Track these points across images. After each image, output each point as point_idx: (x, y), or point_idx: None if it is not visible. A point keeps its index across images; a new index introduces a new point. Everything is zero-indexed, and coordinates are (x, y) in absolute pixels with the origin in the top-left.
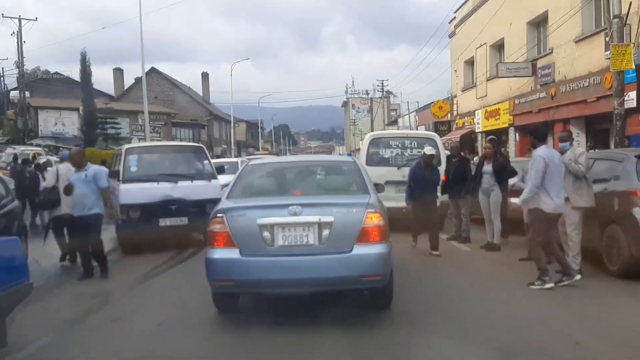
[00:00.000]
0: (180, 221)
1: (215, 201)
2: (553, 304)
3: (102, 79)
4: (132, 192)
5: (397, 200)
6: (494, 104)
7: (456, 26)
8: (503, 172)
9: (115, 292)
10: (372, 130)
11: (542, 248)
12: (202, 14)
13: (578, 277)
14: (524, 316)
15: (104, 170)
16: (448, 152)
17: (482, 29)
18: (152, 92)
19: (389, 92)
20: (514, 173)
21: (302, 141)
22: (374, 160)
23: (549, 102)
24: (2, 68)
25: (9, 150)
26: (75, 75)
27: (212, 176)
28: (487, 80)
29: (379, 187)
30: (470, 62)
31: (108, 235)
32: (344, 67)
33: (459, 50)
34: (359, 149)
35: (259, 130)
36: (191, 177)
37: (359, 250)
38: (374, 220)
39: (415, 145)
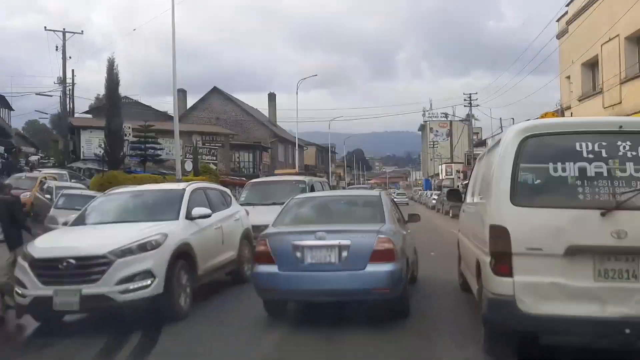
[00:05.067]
0: None
1: None
2: None
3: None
4: None
5: (602, 300)
6: (636, 113)
7: (569, 22)
8: None
9: None
10: (452, 156)
11: None
12: (277, 45)
13: None
14: None
15: None
16: None
17: (614, 18)
18: (213, 112)
19: (469, 115)
20: None
21: (376, 167)
22: (531, 190)
23: None
24: (69, 89)
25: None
26: (145, 100)
27: None
28: (622, 82)
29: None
30: (592, 64)
31: None
32: (419, 92)
33: (574, 51)
34: (437, 174)
35: (329, 154)
36: None
37: (371, 268)
38: (384, 244)
39: None
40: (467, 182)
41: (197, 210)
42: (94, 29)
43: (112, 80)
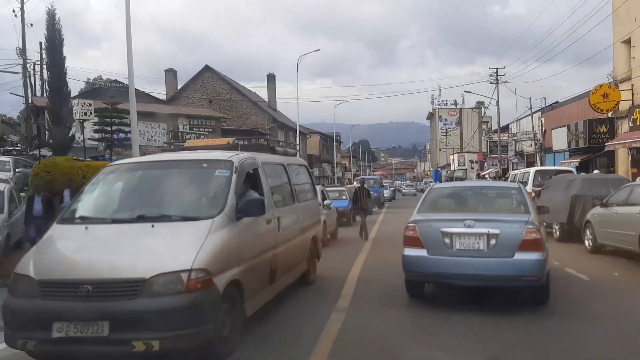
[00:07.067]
0: None
1: None
2: None
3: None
4: None
5: None
6: None
7: None
8: None
9: None
10: (461, 145)
11: None
12: (280, 33)
13: None
14: None
15: None
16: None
17: None
18: (205, 94)
19: (479, 103)
20: None
21: (382, 158)
22: None
23: None
24: (31, 66)
25: None
26: (140, 85)
27: None
28: None
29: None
30: None
31: None
32: (425, 83)
33: (638, 7)
34: (447, 165)
35: (334, 142)
36: None
37: (520, 256)
38: (533, 234)
39: None
40: (485, 172)
41: None
42: (91, 17)
43: (54, 39)
